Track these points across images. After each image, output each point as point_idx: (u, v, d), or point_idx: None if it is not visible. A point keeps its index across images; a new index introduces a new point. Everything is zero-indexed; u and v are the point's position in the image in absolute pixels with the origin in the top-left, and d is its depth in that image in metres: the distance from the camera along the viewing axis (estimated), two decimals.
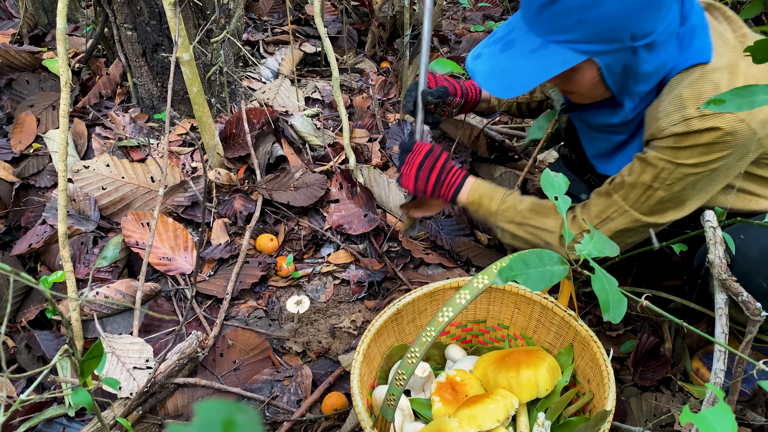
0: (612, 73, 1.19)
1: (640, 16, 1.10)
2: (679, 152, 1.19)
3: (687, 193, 1.24)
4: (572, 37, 1.13)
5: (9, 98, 2.17)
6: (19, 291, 1.64)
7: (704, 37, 1.19)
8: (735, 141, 1.15)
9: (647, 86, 1.22)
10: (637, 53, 1.15)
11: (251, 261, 1.76)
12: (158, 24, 1.97)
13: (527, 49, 1.18)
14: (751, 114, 1.13)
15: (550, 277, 0.77)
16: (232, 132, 2.03)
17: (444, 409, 1.26)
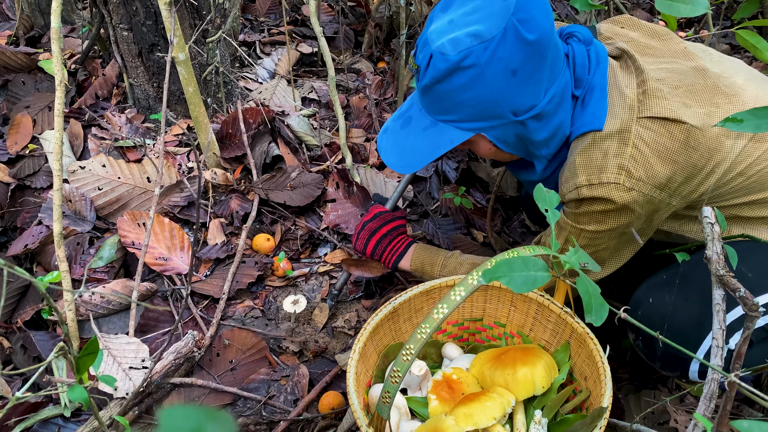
0: (506, 143, 1.22)
1: (514, 95, 1.12)
2: (578, 218, 1.23)
3: (607, 251, 1.28)
4: (454, 117, 1.18)
5: (5, 99, 2.16)
6: (14, 291, 1.63)
7: (601, 101, 1.20)
8: (628, 209, 1.17)
9: (549, 149, 1.25)
10: (526, 124, 1.17)
11: (248, 261, 1.76)
12: (154, 24, 1.97)
13: (420, 126, 1.23)
14: (641, 181, 1.14)
15: (533, 282, 0.78)
16: (228, 132, 2.03)
17: (440, 407, 1.26)
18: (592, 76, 1.22)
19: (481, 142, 1.24)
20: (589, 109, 1.20)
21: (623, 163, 1.14)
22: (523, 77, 1.11)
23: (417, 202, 2.03)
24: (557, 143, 1.24)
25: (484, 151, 1.28)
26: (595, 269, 0.91)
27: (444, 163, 2.12)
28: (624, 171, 1.14)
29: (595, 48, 1.24)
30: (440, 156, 1.23)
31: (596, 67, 1.22)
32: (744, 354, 1.07)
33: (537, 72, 1.12)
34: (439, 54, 1.10)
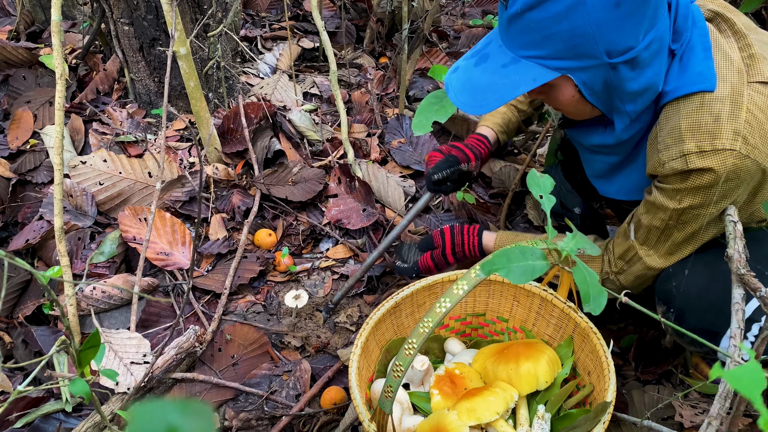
0: (591, 90, 1.11)
1: (613, 31, 1.02)
2: (682, 195, 1.12)
3: (701, 231, 1.18)
4: (542, 52, 1.07)
5: (6, 94, 2.16)
6: (16, 286, 1.63)
7: (707, 61, 1.10)
8: (741, 179, 1.08)
9: (636, 106, 1.14)
10: (618, 70, 1.07)
11: (249, 256, 1.75)
12: (155, 18, 1.96)
13: (499, 63, 1.11)
14: (757, 149, 1.06)
15: (532, 271, 0.76)
16: (229, 127, 2.02)
17: (443, 402, 1.26)
18: (691, 34, 1.12)
19: (564, 87, 1.12)
20: (694, 69, 1.10)
21: (738, 129, 1.04)
22: (625, 11, 0.99)
23: (419, 197, 2.02)
24: (646, 100, 1.13)
25: (565, 99, 1.15)
26: (595, 252, 0.87)
27: None
28: (740, 137, 1.04)
29: (695, 7, 1.15)
30: (517, 96, 1.09)
31: (693, 26, 1.13)
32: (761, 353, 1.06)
33: (641, 8, 1.00)
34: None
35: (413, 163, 2.09)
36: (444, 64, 2.69)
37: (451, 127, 2.21)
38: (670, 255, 1.23)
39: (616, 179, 1.32)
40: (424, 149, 2.13)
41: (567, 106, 1.18)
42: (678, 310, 1.22)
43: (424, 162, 1.72)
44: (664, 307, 1.27)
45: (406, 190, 1.99)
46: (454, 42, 2.93)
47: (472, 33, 2.95)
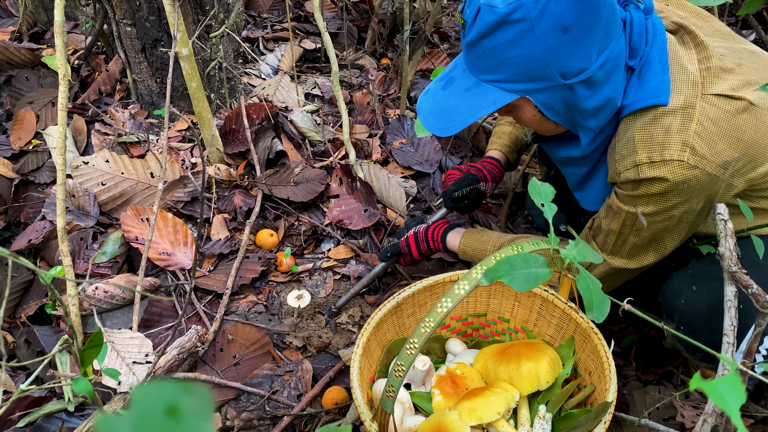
0: (552, 109, 1.16)
1: (564, 55, 1.06)
2: (636, 200, 1.16)
3: (659, 236, 1.22)
4: (499, 77, 1.12)
5: (8, 95, 2.16)
6: (18, 286, 1.63)
7: (663, 75, 1.14)
8: (691, 188, 1.11)
9: (598, 121, 1.18)
10: (574, 90, 1.11)
11: (251, 256, 1.76)
12: (157, 19, 1.96)
13: (462, 87, 1.17)
14: (705, 159, 1.09)
15: (535, 279, 0.77)
16: (231, 127, 2.02)
17: (444, 402, 1.26)
18: (650, 48, 1.16)
19: (525, 107, 1.18)
20: (650, 83, 1.14)
21: (687, 140, 1.08)
22: (575, 36, 1.04)
23: (420, 197, 2.02)
24: (607, 115, 1.17)
25: (528, 118, 1.21)
26: (597, 260, 0.89)
27: (447, 159, 2.12)
28: (688, 148, 1.08)
29: (652, 19, 1.18)
30: (480, 119, 1.16)
31: (653, 39, 1.16)
32: (755, 351, 1.06)
33: (590, 32, 1.05)
34: (487, 6, 1.05)
35: (415, 163, 2.09)
36: (445, 64, 2.69)
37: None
38: (632, 258, 1.27)
39: (586, 189, 1.36)
40: (425, 150, 2.13)
41: (531, 125, 1.24)
42: (688, 326, 1.23)
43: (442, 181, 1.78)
44: (673, 324, 1.29)
45: (408, 191, 1.99)
46: (455, 43, 2.94)
47: None
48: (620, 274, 1.31)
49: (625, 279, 1.34)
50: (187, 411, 0.20)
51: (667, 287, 1.30)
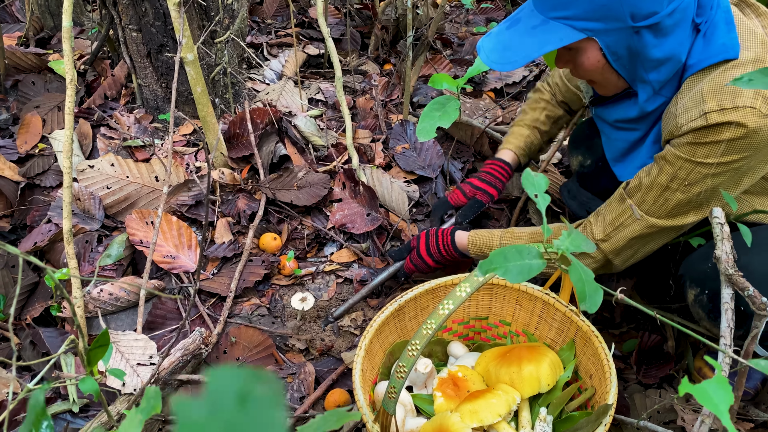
0: (616, 55, 1.16)
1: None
2: (697, 149, 1.14)
3: (707, 194, 1.20)
4: (570, 13, 1.12)
5: (15, 99, 2.19)
6: (24, 288, 1.65)
7: (730, 33, 1.15)
8: (759, 140, 1.10)
9: (660, 75, 1.18)
10: (641, 35, 1.11)
11: (255, 259, 1.77)
12: (163, 25, 1.99)
13: (529, 25, 1.17)
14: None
15: (529, 270, 0.78)
16: (235, 132, 2.04)
17: (446, 404, 1.27)
18: (714, 12, 1.16)
19: (589, 50, 1.17)
20: (717, 41, 1.15)
21: (760, 90, 1.08)
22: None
23: (423, 202, 2.04)
24: (669, 70, 1.18)
25: (591, 65, 1.19)
26: (590, 249, 0.88)
27: (450, 163, 2.13)
28: (761, 96, 1.08)
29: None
30: (545, 53, 1.15)
31: (718, 5, 1.17)
32: (752, 352, 1.07)
33: None
34: None
35: (417, 168, 2.11)
36: (448, 70, 2.71)
37: (455, 133, 2.23)
38: (671, 216, 1.25)
39: (633, 158, 1.35)
40: (427, 155, 2.15)
41: (593, 74, 1.22)
42: (713, 290, 1.21)
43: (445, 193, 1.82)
44: (698, 290, 1.28)
45: (410, 195, 2.01)
46: (458, 49, 2.96)
47: (476, 40, 2.97)
48: (653, 237, 1.29)
49: (655, 247, 1.32)
50: (259, 397, 0.20)
51: (693, 255, 1.30)
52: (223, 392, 0.21)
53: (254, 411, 0.18)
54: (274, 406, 0.21)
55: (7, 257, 1.74)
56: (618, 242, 1.31)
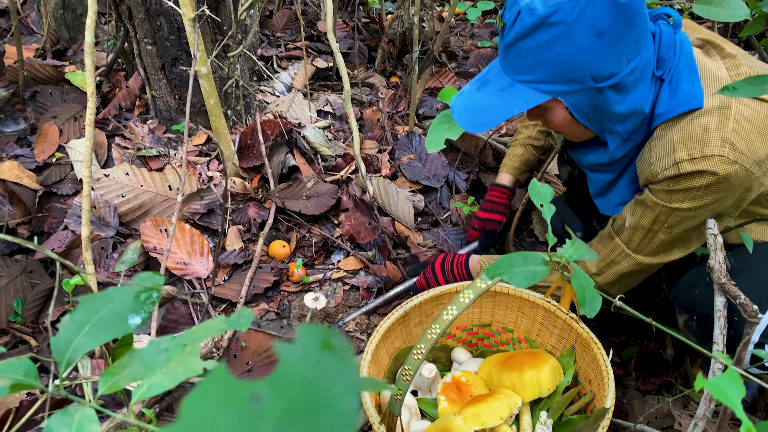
0: (581, 112, 1.21)
1: (597, 59, 1.11)
2: (672, 195, 1.20)
3: (688, 233, 1.25)
4: (534, 77, 1.17)
5: (33, 110, 2.25)
6: (41, 293, 1.70)
7: (694, 81, 1.19)
8: (730, 184, 1.15)
9: (626, 126, 1.23)
10: (604, 94, 1.16)
11: (264, 266, 1.82)
12: (177, 39, 2.05)
13: (497, 87, 1.22)
14: (744, 155, 1.13)
15: (533, 276, 0.82)
16: (247, 143, 2.10)
17: (450, 407, 1.31)
18: (678, 60, 1.21)
19: (556, 109, 1.23)
20: (682, 90, 1.19)
21: (726, 137, 1.13)
22: (608, 41, 1.10)
23: (428, 211, 2.09)
24: (635, 121, 1.23)
25: (558, 121, 1.25)
26: (592, 259, 0.94)
27: (455, 173, 2.18)
28: (728, 144, 1.12)
29: (680, 35, 1.25)
30: (512, 117, 1.21)
31: (681, 52, 1.22)
32: (744, 359, 1.12)
33: (622, 38, 1.10)
34: (527, 9, 1.10)
35: (422, 178, 2.16)
36: (453, 83, 2.77)
37: (461, 145, 2.28)
38: (657, 254, 1.30)
39: (610, 196, 1.41)
40: (433, 165, 2.20)
41: (562, 128, 1.28)
42: (702, 315, 1.27)
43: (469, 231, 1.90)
44: (686, 316, 1.33)
45: (416, 205, 2.06)
46: (463, 62, 3.02)
47: (481, 54, 3.03)
48: (643, 271, 1.35)
49: (643, 278, 1.38)
50: (338, 346, 0.26)
51: (680, 281, 1.35)
52: (310, 339, 0.27)
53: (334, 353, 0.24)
54: (347, 350, 0.26)
55: (26, 262, 1.80)
56: (610, 277, 1.38)
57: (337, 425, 0.24)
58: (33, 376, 0.69)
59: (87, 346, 0.71)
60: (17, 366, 0.68)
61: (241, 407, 0.24)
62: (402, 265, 1.86)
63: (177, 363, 0.71)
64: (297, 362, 0.25)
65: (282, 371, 0.25)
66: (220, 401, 0.24)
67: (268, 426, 0.23)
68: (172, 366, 0.71)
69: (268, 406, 0.24)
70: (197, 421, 0.24)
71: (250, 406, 0.24)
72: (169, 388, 0.70)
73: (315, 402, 0.24)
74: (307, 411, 0.24)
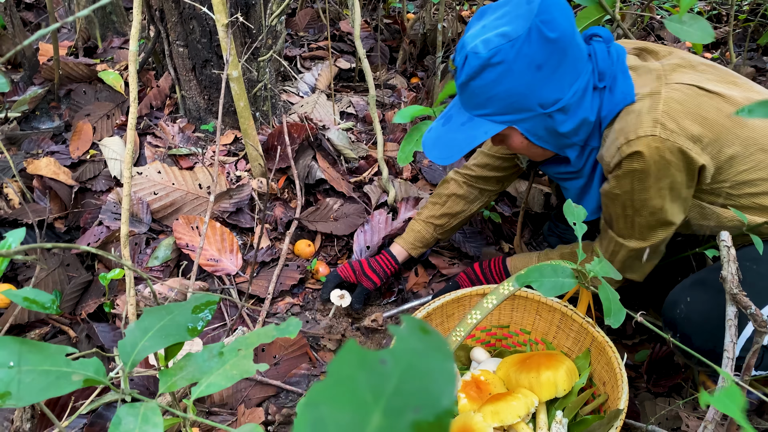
0: (536, 136, 1.34)
1: (540, 88, 1.24)
2: (621, 181, 1.29)
3: (660, 212, 1.33)
4: (488, 110, 1.30)
5: (67, 107, 2.33)
6: (78, 286, 1.78)
7: (626, 81, 1.31)
8: (666, 160, 1.23)
9: (579, 136, 1.35)
10: (553, 117, 1.29)
11: (290, 264, 1.89)
12: (208, 42, 2.12)
13: (459, 122, 1.36)
14: (675, 132, 1.21)
15: (561, 287, 0.89)
16: (273, 144, 2.17)
17: (469, 405, 1.38)
18: (615, 67, 1.33)
19: (514, 135, 1.36)
20: (618, 92, 1.31)
21: (657, 118, 1.22)
22: (547, 72, 1.22)
23: None
24: (586, 130, 1.34)
25: (517, 145, 1.38)
26: (617, 277, 1.01)
27: None
28: (659, 124, 1.22)
29: (615, 46, 1.36)
30: (475, 147, 1.35)
31: (617, 60, 1.34)
32: (753, 366, 1.17)
33: (560, 67, 1.23)
34: (473, 53, 1.24)
35: None
36: None
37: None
38: (644, 238, 1.39)
39: (587, 201, 1.50)
40: (452, 168, 2.26)
41: (522, 150, 1.41)
42: (684, 334, 1.34)
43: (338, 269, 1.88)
44: (671, 332, 1.40)
45: None
46: None
47: None
48: (642, 254, 1.42)
49: (656, 258, 1.45)
50: (432, 331, 0.35)
51: (666, 299, 1.43)
52: (412, 324, 0.35)
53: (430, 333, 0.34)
54: (437, 332, 0.35)
55: (62, 256, 1.88)
56: (617, 266, 1.46)
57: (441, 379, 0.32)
58: (102, 374, 0.77)
59: (150, 349, 0.78)
60: (88, 364, 0.76)
61: (373, 368, 0.32)
62: (423, 267, 1.92)
63: (232, 365, 0.78)
64: (407, 338, 0.34)
65: (398, 344, 0.34)
66: (357, 363, 0.33)
67: (393, 380, 0.32)
68: (228, 368, 0.78)
69: (391, 367, 0.32)
70: (342, 377, 0.32)
71: (379, 366, 0.32)
72: (225, 387, 0.77)
73: (424, 363, 0.33)
74: (419, 370, 0.32)
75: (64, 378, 0.73)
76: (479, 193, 1.81)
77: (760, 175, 1.32)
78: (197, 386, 0.80)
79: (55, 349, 0.73)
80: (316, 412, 0.32)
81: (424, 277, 1.94)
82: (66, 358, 0.74)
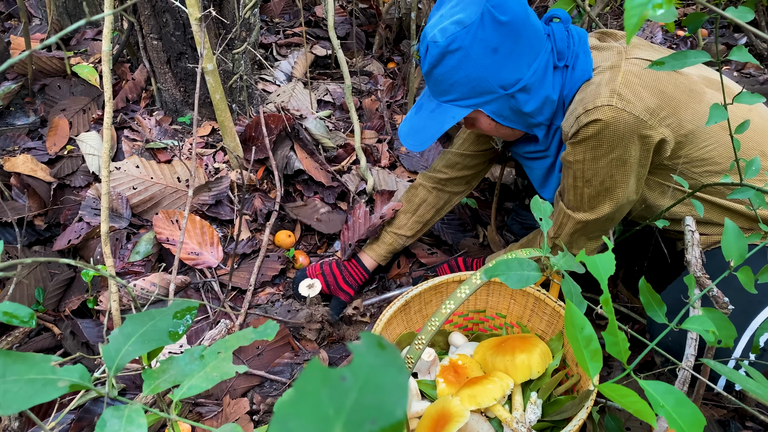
0: (502, 117, 1.39)
1: (499, 70, 1.29)
2: (576, 148, 1.33)
3: (609, 184, 1.37)
4: (453, 96, 1.36)
5: (42, 102, 2.32)
6: (61, 283, 1.80)
7: (587, 59, 1.36)
8: (621, 130, 1.27)
9: (544, 115, 1.40)
10: (516, 97, 1.34)
11: (271, 255, 1.92)
12: (182, 35, 2.11)
13: (429, 110, 1.42)
14: (631, 103, 1.25)
15: (526, 280, 0.93)
16: (251, 135, 2.18)
17: (447, 389, 1.42)
18: (575, 47, 1.37)
19: (481, 118, 1.41)
20: (579, 69, 1.36)
21: (614, 88, 1.27)
22: (503, 54, 1.28)
23: None
24: (550, 109, 1.39)
25: (486, 127, 1.44)
26: (580, 270, 1.05)
27: None
28: (616, 94, 1.26)
29: (575, 28, 1.41)
30: (445, 131, 1.40)
31: (578, 41, 1.38)
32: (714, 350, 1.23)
33: (516, 48, 1.28)
34: (432, 43, 1.29)
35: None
36: None
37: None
38: (591, 209, 1.43)
39: (551, 182, 1.56)
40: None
41: (491, 132, 1.46)
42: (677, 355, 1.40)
43: None
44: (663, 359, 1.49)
45: None
46: None
47: None
48: (587, 231, 1.48)
49: (597, 244, 1.52)
50: (387, 345, 0.38)
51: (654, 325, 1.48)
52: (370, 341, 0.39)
53: (385, 349, 0.38)
54: (393, 347, 0.39)
55: (44, 253, 1.89)
56: (564, 238, 1.52)
57: (395, 392, 0.36)
58: (87, 379, 0.79)
59: (133, 354, 0.81)
60: (74, 371, 0.79)
61: (334, 384, 0.36)
62: (405, 257, 1.96)
63: (213, 367, 0.82)
64: (365, 354, 0.38)
65: (357, 360, 0.37)
66: (319, 380, 0.37)
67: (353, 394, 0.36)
68: (209, 370, 0.82)
69: (351, 383, 0.36)
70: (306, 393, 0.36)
71: (340, 383, 0.36)
72: (206, 389, 0.81)
73: (380, 378, 0.37)
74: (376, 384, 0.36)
75: (50, 384, 0.76)
76: (449, 197, 1.86)
77: (720, 151, 1.37)
78: (179, 388, 0.83)
79: (41, 358, 0.75)
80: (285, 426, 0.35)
81: (405, 268, 1.98)
82: (51, 366, 0.76)
